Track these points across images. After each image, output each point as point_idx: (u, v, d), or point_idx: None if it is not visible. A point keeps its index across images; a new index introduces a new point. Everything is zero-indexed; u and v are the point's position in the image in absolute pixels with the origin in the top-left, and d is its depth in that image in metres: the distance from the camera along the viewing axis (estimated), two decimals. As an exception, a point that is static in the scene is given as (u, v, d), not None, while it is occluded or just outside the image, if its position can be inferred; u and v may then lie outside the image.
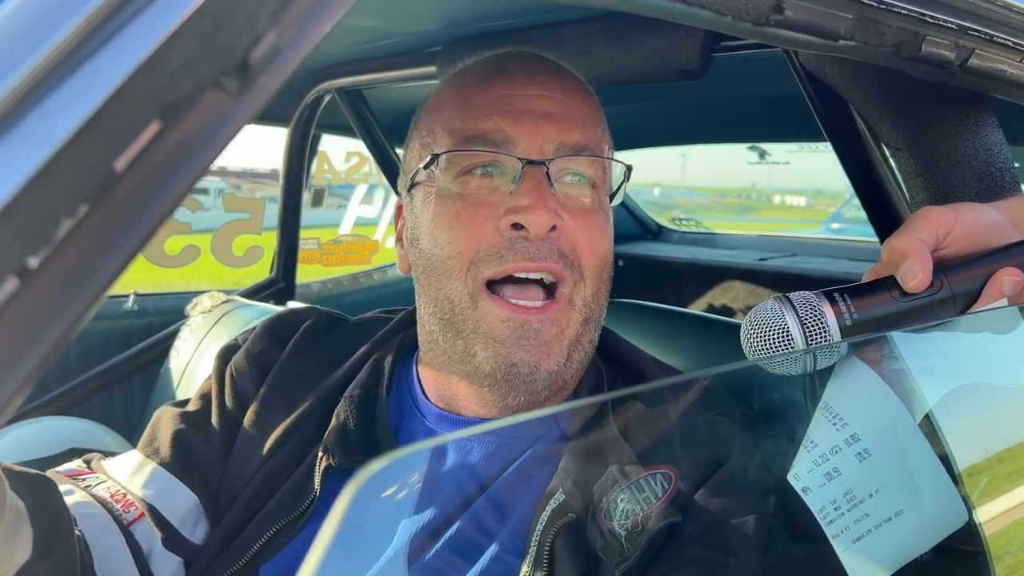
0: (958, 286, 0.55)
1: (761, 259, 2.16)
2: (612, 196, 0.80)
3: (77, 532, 0.69)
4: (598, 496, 0.66)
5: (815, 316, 0.54)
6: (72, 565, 0.67)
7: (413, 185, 0.79)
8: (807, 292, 0.55)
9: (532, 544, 0.66)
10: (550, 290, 0.73)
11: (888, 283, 0.55)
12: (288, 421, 0.80)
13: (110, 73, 0.24)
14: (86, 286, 0.26)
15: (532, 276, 0.72)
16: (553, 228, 0.71)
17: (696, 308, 2.18)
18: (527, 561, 0.65)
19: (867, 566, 0.55)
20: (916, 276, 0.53)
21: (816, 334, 0.53)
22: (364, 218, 2.49)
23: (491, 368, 0.71)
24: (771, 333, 0.54)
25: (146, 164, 0.27)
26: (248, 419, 0.83)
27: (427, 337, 0.79)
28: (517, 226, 0.71)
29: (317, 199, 2.29)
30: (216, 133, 0.29)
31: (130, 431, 1.79)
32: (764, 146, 2.94)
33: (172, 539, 0.76)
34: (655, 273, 2.32)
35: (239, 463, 0.81)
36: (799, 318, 0.53)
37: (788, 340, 0.53)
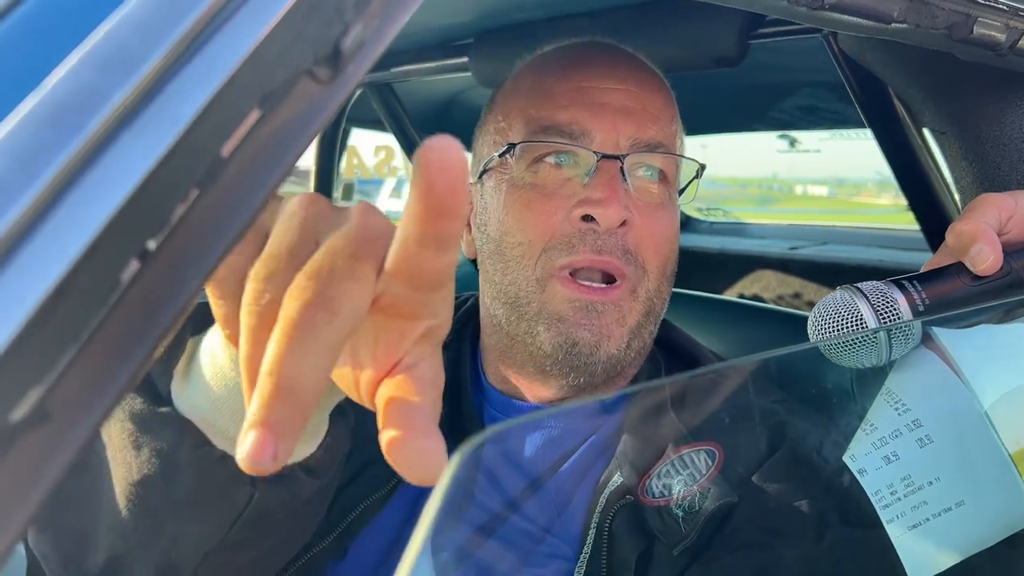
0: None
1: (792, 248, 2.15)
2: (681, 192, 0.81)
3: None
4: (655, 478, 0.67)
5: (888, 304, 0.53)
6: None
7: (484, 171, 0.80)
8: (874, 281, 0.54)
9: (591, 526, 0.67)
10: (610, 280, 0.74)
11: (956, 268, 0.55)
12: None
13: (224, 61, 0.25)
14: (197, 268, 0.27)
15: (596, 268, 0.73)
16: (623, 223, 0.72)
17: (726, 298, 2.17)
18: (586, 543, 0.67)
19: (924, 554, 0.53)
20: (988, 259, 0.53)
21: (891, 322, 0.52)
22: (393, 212, 2.50)
23: (552, 348, 0.73)
24: (845, 322, 0.53)
25: (248, 150, 0.28)
26: None
27: (490, 320, 0.81)
28: (587, 218, 0.72)
29: (347, 193, 2.31)
30: (309, 120, 0.30)
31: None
32: (794, 134, 2.91)
33: None
34: (684, 263, 2.29)
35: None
36: (872, 306, 0.52)
37: (864, 328, 0.52)
